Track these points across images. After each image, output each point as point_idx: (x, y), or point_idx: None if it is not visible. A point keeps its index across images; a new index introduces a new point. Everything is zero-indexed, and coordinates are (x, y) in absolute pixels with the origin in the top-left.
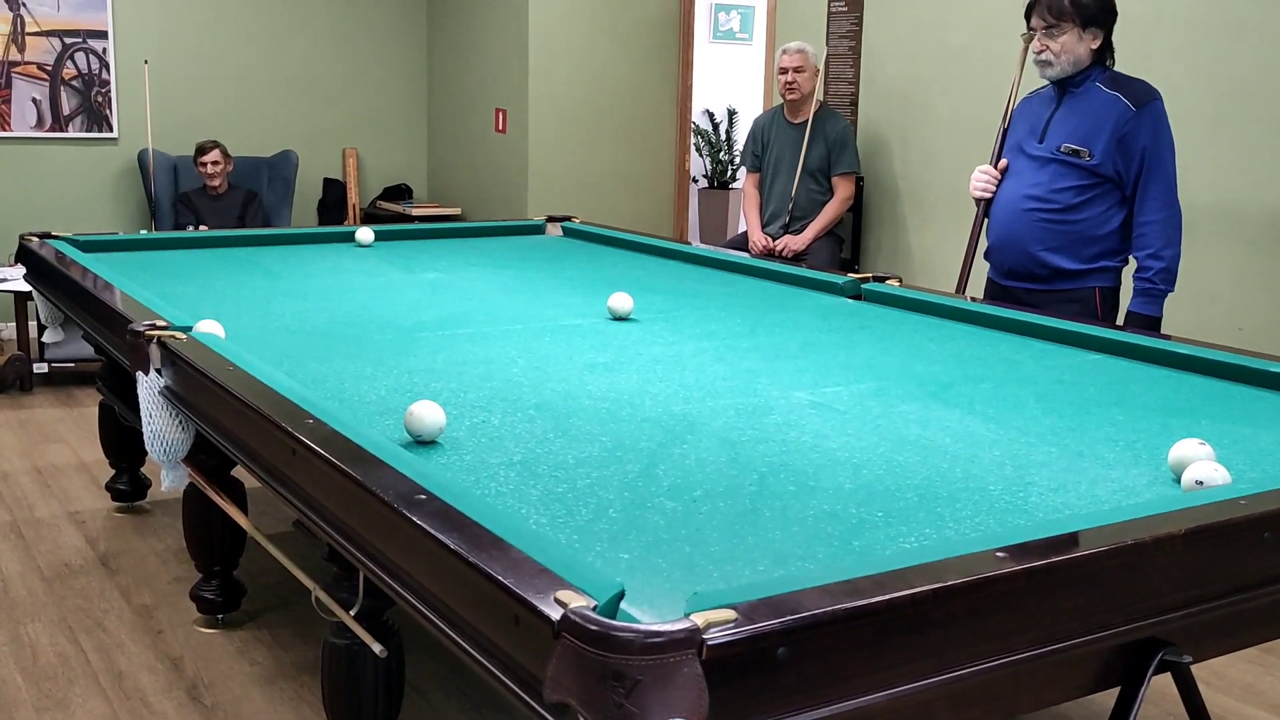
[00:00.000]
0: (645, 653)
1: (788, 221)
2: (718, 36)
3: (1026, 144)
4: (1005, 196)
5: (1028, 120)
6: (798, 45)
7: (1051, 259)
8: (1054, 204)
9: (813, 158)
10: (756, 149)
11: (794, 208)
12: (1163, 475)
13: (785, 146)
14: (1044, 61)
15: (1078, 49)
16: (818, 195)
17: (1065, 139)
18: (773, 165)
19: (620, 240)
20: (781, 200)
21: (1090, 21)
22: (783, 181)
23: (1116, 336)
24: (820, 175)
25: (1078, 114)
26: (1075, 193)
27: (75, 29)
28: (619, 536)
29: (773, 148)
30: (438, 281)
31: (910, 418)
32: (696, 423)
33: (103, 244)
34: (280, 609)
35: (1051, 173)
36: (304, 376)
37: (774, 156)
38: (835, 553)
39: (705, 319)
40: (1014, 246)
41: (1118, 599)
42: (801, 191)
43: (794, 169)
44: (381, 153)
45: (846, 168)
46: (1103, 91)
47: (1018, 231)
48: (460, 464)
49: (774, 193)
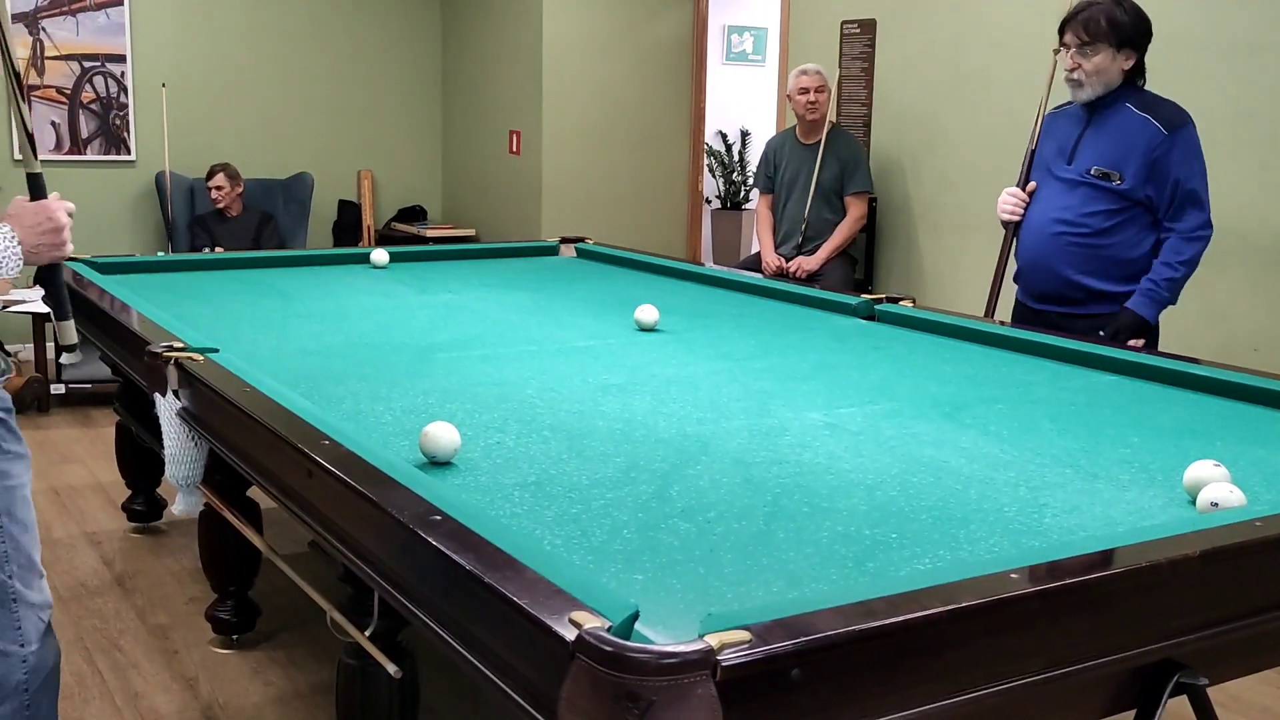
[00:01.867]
0: (660, 674)
1: (800, 242)
2: (730, 58)
3: (1055, 165)
4: (1034, 219)
5: (1055, 140)
6: (815, 66)
7: (1086, 281)
8: (1085, 228)
9: (826, 178)
10: (769, 170)
11: (807, 228)
12: (1178, 497)
13: (798, 167)
14: (1075, 81)
15: (1111, 70)
16: (830, 216)
17: (1095, 161)
18: (785, 186)
19: (634, 261)
20: (794, 221)
21: (1125, 43)
22: (795, 203)
23: (1131, 358)
24: (833, 196)
25: (1108, 136)
26: (1106, 216)
27: (94, 53)
28: (633, 557)
29: (785, 169)
30: (452, 303)
31: (924, 439)
32: (710, 444)
33: (120, 265)
34: (295, 629)
35: (1081, 196)
36: (320, 398)
37: (787, 178)
38: (849, 574)
39: (719, 340)
40: (1045, 270)
41: (1133, 621)
42: (814, 212)
43: (807, 190)
44: (396, 175)
45: (860, 187)
46: (1134, 114)
47: (1048, 255)
48: (475, 485)
49: (786, 214)
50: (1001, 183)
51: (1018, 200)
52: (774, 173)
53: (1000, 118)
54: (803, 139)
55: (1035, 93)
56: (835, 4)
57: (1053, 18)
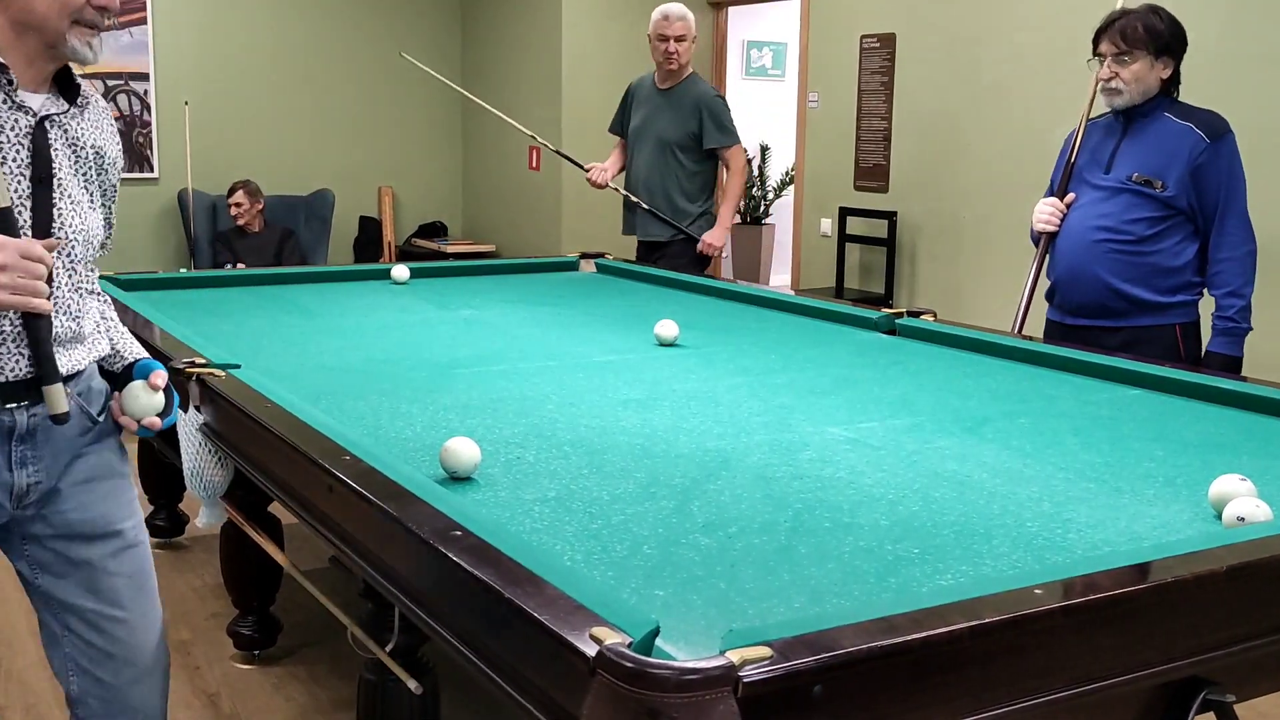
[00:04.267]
0: (681, 690)
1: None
2: (750, 73)
3: (1090, 174)
4: (1072, 228)
5: (1087, 149)
6: (680, 12)
7: (1129, 290)
8: (1128, 235)
9: (675, 130)
10: (624, 115)
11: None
12: (1203, 512)
13: (649, 114)
14: (1113, 89)
15: (1149, 78)
16: (678, 170)
17: (1135, 169)
18: (636, 133)
19: (653, 276)
20: (647, 168)
21: (1163, 50)
22: (643, 149)
23: (1153, 371)
24: (681, 150)
25: (1147, 144)
26: (1149, 224)
27: (118, 71)
28: (654, 573)
29: (637, 114)
30: (472, 318)
31: (946, 453)
32: (731, 459)
33: (143, 282)
34: (316, 645)
35: (1123, 203)
36: (341, 413)
37: (637, 123)
38: (871, 590)
39: (739, 354)
40: (1086, 280)
41: (1159, 637)
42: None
43: (653, 138)
44: (417, 191)
45: (731, 140)
46: (1174, 121)
47: (1089, 264)
48: (495, 500)
49: (637, 161)
50: (1023, 195)
51: (1055, 210)
52: (626, 116)
53: (1021, 130)
54: (659, 84)
55: (1056, 105)
56: (854, 18)
57: (1073, 29)
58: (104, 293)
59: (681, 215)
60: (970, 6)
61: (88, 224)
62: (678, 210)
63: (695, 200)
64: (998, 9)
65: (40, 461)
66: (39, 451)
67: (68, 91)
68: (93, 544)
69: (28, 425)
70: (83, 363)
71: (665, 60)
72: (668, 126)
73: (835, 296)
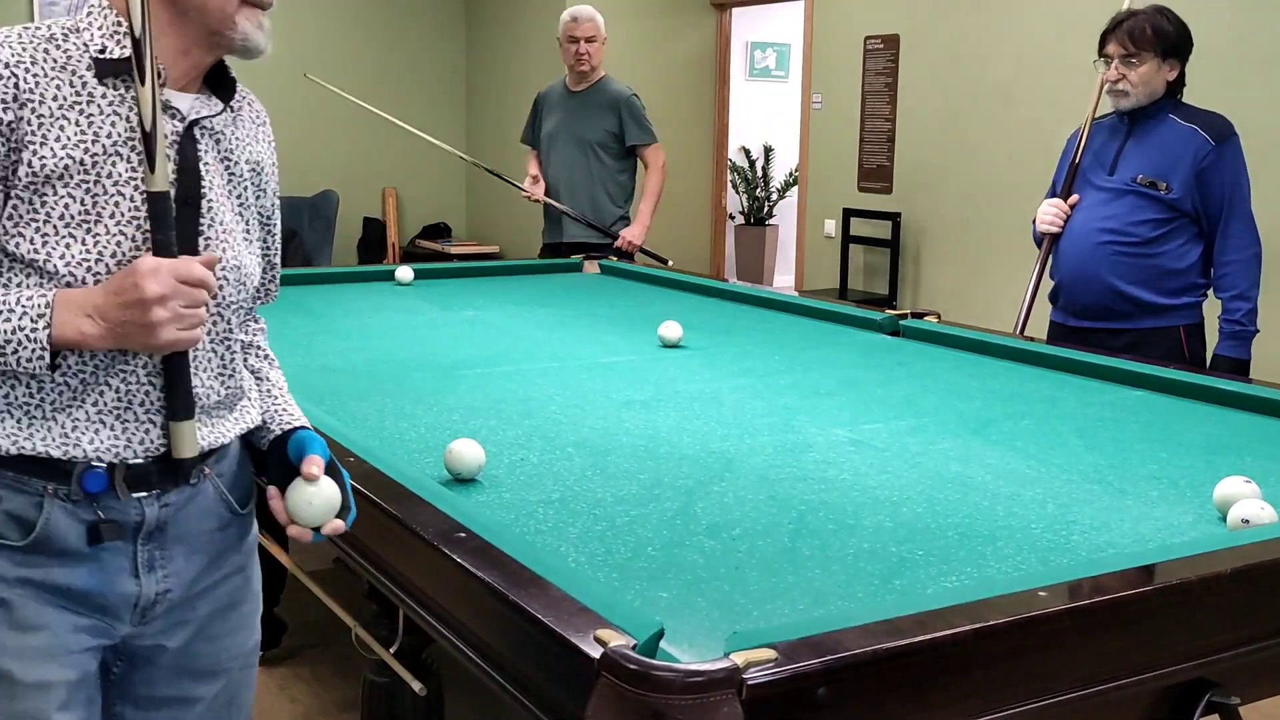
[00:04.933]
0: (685, 692)
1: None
2: (754, 74)
3: (1094, 175)
4: (1077, 230)
5: (1091, 150)
6: (589, 13)
7: (1134, 292)
8: (1132, 237)
9: (592, 130)
10: (534, 123)
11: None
12: (1208, 514)
13: (564, 117)
14: (1120, 91)
15: (1156, 80)
16: (598, 170)
17: (1139, 171)
18: (549, 138)
19: (657, 277)
20: (560, 172)
21: (1170, 52)
22: (560, 153)
23: (1157, 373)
24: (601, 149)
25: (1152, 146)
26: (1153, 226)
27: None
28: (658, 575)
29: (549, 119)
30: (476, 319)
31: (950, 455)
32: (734, 460)
33: None
34: (321, 646)
35: (1128, 205)
36: (344, 415)
37: (550, 128)
38: (875, 592)
39: (742, 356)
40: (1089, 281)
41: (1163, 639)
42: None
43: (570, 141)
44: (421, 192)
45: (649, 138)
46: (1178, 124)
47: (1093, 266)
48: (499, 502)
49: (553, 164)
50: (1027, 196)
51: (1059, 211)
52: (538, 125)
53: (1024, 131)
54: (570, 87)
55: (1060, 106)
56: (858, 19)
57: (1077, 29)
58: (270, 351)
59: (606, 216)
60: (973, 7)
61: (241, 259)
62: (602, 211)
63: (619, 200)
64: (1001, 10)
65: (170, 563)
66: (168, 551)
67: (220, 90)
68: (205, 681)
69: (158, 518)
70: (227, 436)
71: (577, 62)
72: (586, 127)
73: (839, 298)
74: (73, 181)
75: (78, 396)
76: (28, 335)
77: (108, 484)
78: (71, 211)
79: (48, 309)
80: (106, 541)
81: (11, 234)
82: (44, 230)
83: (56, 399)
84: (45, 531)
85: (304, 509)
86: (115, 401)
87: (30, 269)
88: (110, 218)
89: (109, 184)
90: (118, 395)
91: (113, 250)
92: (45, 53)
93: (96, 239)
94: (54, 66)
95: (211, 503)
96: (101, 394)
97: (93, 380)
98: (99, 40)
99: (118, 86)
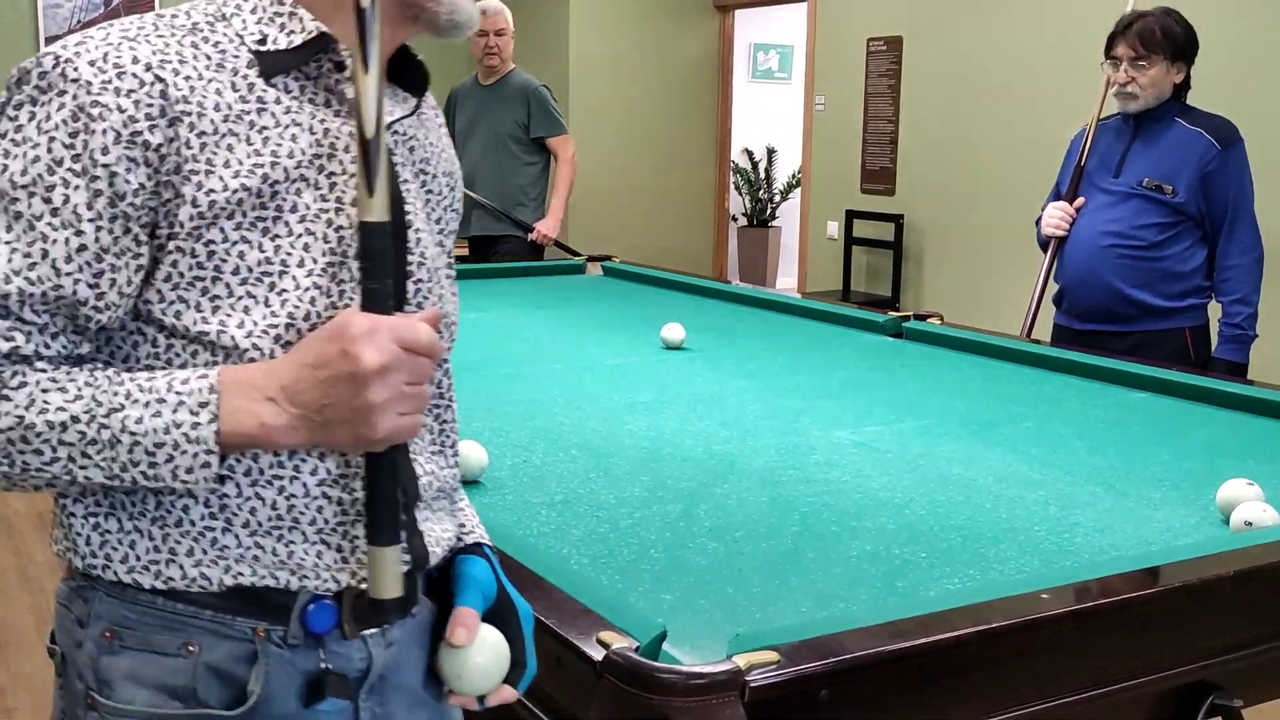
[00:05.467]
0: (688, 694)
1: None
2: (757, 76)
3: (1099, 178)
4: (1081, 233)
5: (1096, 152)
6: (496, 7)
7: (1139, 295)
8: (1138, 241)
9: (504, 122)
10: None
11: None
12: (1210, 516)
13: (477, 111)
14: (1129, 94)
15: (1164, 82)
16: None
17: (1145, 174)
18: (463, 133)
19: (660, 279)
20: (474, 167)
21: (1179, 55)
22: (475, 147)
23: (1160, 375)
24: (513, 142)
25: (1157, 149)
26: (1158, 230)
27: None
28: (661, 577)
29: (463, 114)
30: (479, 321)
31: (953, 457)
32: (737, 462)
33: None
34: None
35: (1133, 208)
36: None
37: (464, 123)
38: (878, 594)
39: (745, 358)
40: (1094, 285)
41: (1166, 642)
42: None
43: (484, 134)
44: None
45: (558, 130)
46: (1184, 127)
47: (1098, 269)
48: (502, 504)
49: (467, 159)
50: (1030, 198)
51: (1065, 214)
52: (451, 120)
53: (1027, 133)
54: (481, 81)
55: (1063, 107)
56: (861, 21)
57: (1081, 31)
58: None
59: (519, 208)
60: (976, 9)
61: (448, 305)
62: (516, 203)
63: (531, 192)
64: (1004, 11)
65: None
66: (389, 706)
67: (407, 81)
68: None
69: (385, 662)
70: (442, 544)
71: (486, 55)
72: (498, 120)
73: (842, 299)
74: (246, 221)
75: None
76: (186, 434)
77: (336, 621)
78: (249, 262)
79: (213, 394)
80: (329, 699)
81: (170, 300)
82: (214, 292)
83: (271, 511)
84: (266, 694)
85: (453, 681)
86: (338, 513)
87: (198, 346)
88: (299, 266)
89: (294, 221)
90: (339, 505)
91: (305, 311)
92: (195, 48)
93: (284, 297)
94: (209, 65)
95: (427, 635)
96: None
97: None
98: (255, 29)
99: (289, 88)
